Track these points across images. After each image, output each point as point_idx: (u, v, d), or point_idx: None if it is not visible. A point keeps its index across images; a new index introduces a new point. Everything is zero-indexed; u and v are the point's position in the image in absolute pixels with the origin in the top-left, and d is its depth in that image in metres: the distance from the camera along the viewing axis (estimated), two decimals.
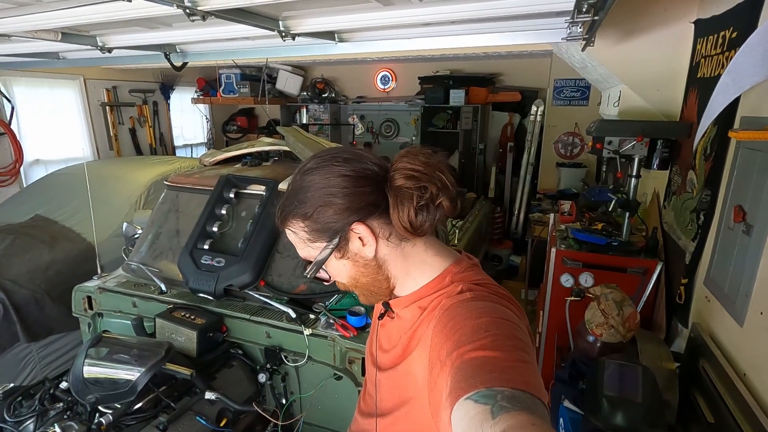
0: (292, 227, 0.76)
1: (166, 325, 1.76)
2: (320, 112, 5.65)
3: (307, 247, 0.76)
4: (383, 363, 0.85)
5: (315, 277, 0.79)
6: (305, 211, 0.73)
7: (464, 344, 0.61)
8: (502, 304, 0.70)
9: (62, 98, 4.36)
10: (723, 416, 1.25)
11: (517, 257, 4.66)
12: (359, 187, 0.71)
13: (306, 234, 0.75)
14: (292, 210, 0.75)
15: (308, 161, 0.76)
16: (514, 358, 0.58)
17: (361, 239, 0.74)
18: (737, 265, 1.36)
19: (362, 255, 0.75)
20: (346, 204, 0.71)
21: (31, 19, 1.83)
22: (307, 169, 0.74)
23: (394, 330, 0.83)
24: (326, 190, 0.71)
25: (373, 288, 0.79)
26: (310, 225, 0.74)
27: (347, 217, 0.72)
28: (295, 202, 0.74)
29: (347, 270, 0.77)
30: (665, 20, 2.08)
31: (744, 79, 1.15)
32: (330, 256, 0.75)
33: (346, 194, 0.71)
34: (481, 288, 0.74)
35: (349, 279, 0.79)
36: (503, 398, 0.52)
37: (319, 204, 0.72)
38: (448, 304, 0.71)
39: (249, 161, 2.48)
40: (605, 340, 1.65)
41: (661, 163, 2.06)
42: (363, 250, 0.75)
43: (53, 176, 3.66)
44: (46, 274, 2.60)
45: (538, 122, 4.53)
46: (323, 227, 0.73)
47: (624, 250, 2.09)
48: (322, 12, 1.96)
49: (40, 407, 1.42)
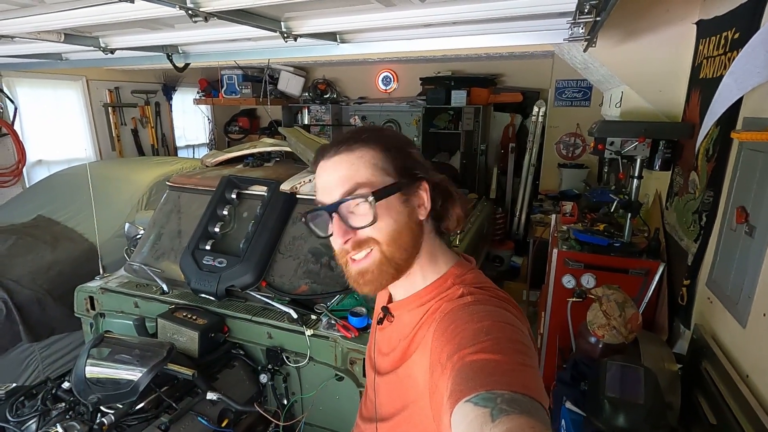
0: (360, 152, 0.73)
1: (168, 326, 1.76)
2: (322, 112, 5.66)
3: (372, 175, 0.72)
4: (382, 367, 0.84)
5: (375, 201, 0.70)
6: (387, 144, 0.75)
7: (465, 347, 0.61)
8: (503, 307, 0.70)
9: (65, 99, 4.37)
10: (725, 418, 1.25)
11: (519, 258, 4.66)
12: (426, 164, 0.79)
13: (379, 162, 0.73)
14: (371, 138, 0.74)
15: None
16: (515, 361, 0.58)
17: (423, 198, 0.75)
18: (740, 266, 1.36)
19: (417, 213, 0.75)
20: (423, 163, 0.77)
21: (34, 21, 1.83)
22: (387, 128, 0.78)
23: (394, 334, 0.82)
24: (407, 144, 0.77)
25: (399, 255, 0.73)
26: (388, 157, 0.74)
27: (422, 172, 0.76)
28: (376, 134, 0.75)
29: (403, 218, 0.73)
30: (667, 21, 2.07)
31: (746, 80, 1.15)
32: (395, 195, 0.72)
33: (421, 156, 0.78)
34: (482, 291, 0.73)
35: (395, 229, 0.72)
36: (503, 401, 0.52)
37: (402, 145, 0.76)
38: (449, 308, 0.71)
39: (251, 162, 2.48)
40: (607, 341, 1.65)
41: (663, 164, 2.05)
42: (419, 210, 0.75)
43: (56, 177, 3.67)
44: (49, 275, 2.61)
45: (539, 123, 4.52)
46: (401, 165, 0.74)
47: (626, 251, 2.09)
48: (323, 13, 1.97)
49: (42, 407, 1.43)
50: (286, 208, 2.02)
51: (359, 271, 0.74)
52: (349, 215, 0.72)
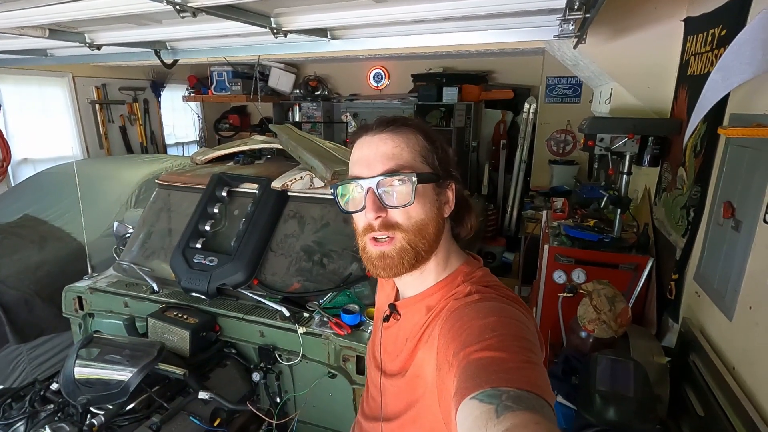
0: (407, 135, 0.74)
1: (159, 325, 1.74)
2: (313, 109, 5.62)
3: (414, 160, 0.73)
4: (389, 369, 0.84)
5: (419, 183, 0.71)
6: (431, 136, 0.77)
7: (471, 344, 0.61)
8: (509, 304, 0.70)
9: (51, 96, 4.29)
10: (713, 409, 1.27)
11: (511, 254, 4.69)
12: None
13: (422, 150, 0.75)
14: (418, 127, 0.76)
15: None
16: (521, 358, 0.58)
17: (449, 197, 0.78)
18: (726, 260, 1.38)
19: (443, 209, 0.77)
20: (453, 170, 0.79)
21: (17, 15, 1.79)
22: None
23: (401, 332, 0.81)
24: (446, 141, 0.80)
25: (422, 246, 0.73)
26: (430, 148, 0.76)
27: (449, 174, 0.78)
28: (419, 123, 0.77)
29: (432, 207, 0.74)
30: (655, 18, 2.09)
31: (733, 76, 1.17)
32: (431, 185, 0.74)
33: (455, 164, 0.80)
34: (489, 289, 0.74)
35: (424, 218, 0.73)
36: (508, 398, 0.52)
37: (442, 141, 0.78)
38: (455, 305, 0.71)
39: (241, 159, 2.46)
40: (597, 335, 1.67)
41: (651, 159, 2.07)
42: (445, 207, 0.77)
43: (42, 175, 3.61)
44: (36, 275, 2.57)
45: (530, 120, 4.55)
46: (439, 159, 0.76)
47: (616, 247, 2.11)
48: (314, 9, 1.95)
49: (30, 409, 1.41)
50: (277, 205, 2.01)
51: (380, 254, 0.73)
52: (383, 194, 0.72)
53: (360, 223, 0.75)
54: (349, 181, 0.74)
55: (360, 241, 0.76)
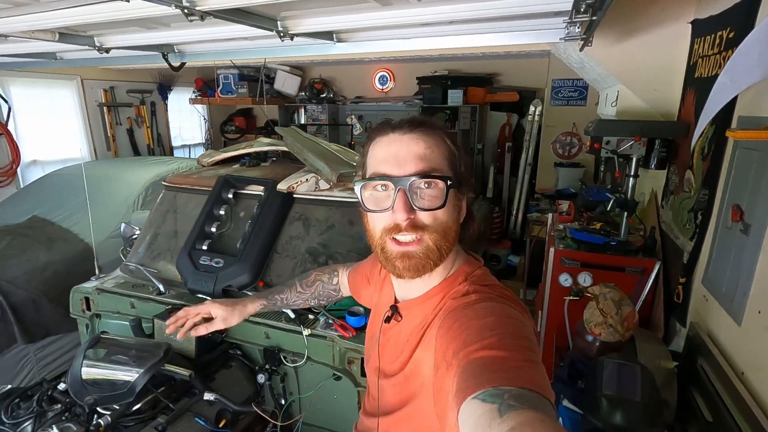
0: (439, 139, 0.75)
1: (165, 326, 1.75)
2: (318, 112, 5.64)
3: (444, 165, 0.74)
4: (389, 370, 0.84)
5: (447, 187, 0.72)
6: (456, 144, 0.78)
7: (470, 344, 0.61)
8: (507, 304, 0.71)
9: (59, 98, 4.34)
10: (721, 415, 1.25)
11: (516, 257, 4.67)
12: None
13: (451, 157, 0.76)
14: (445, 132, 0.77)
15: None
16: (521, 357, 0.58)
17: (463, 205, 0.80)
18: (735, 264, 1.36)
19: (459, 216, 0.79)
20: (471, 178, 0.81)
21: (28, 20, 1.82)
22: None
23: (401, 334, 0.82)
24: (466, 153, 0.80)
25: (446, 248, 0.74)
26: (456, 156, 0.77)
27: (468, 183, 0.79)
28: (446, 130, 0.79)
29: (455, 212, 0.76)
30: (663, 20, 2.08)
31: (741, 79, 1.16)
32: (454, 191, 0.75)
33: (472, 173, 0.82)
34: (488, 289, 0.74)
35: (446, 222, 0.73)
36: (510, 397, 0.52)
37: (464, 153, 0.79)
38: (453, 305, 0.72)
39: (247, 161, 2.48)
40: (604, 339, 1.65)
41: (658, 162, 2.06)
42: (460, 214, 0.79)
43: (50, 177, 3.65)
44: (44, 275, 2.60)
45: (536, 122, 4.53)
46: (458, 167, 0.77)
47: (622, 250, 2.10)
48: (320, 12, 1.96)
49: (38, 409, 1.42)
50: (283, 207, 2.01)
51: (405, 254, 0.72)
52: (413, 195, 0.71)
53: (381, 222, 0.73)
54: (379, 179, 0.72)
55: (377, 240, 0.75)
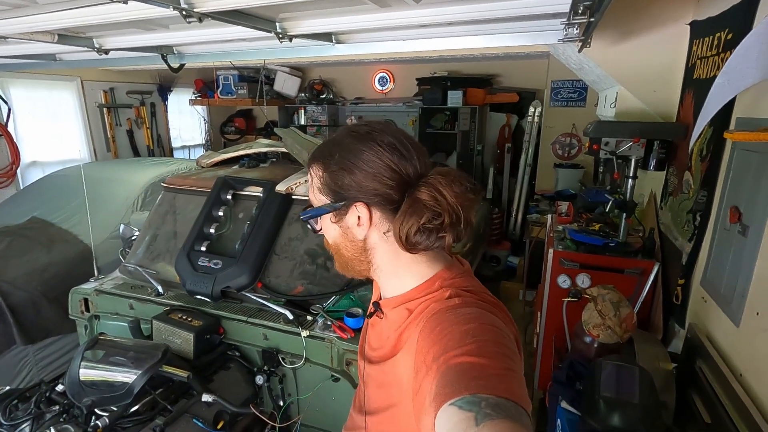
0: (312, 170, 0.79)
1: (163, 327, 1.75)
2: (318, 113, 5.65)
3: (314, 194, 0.80)
4: (372, 358, 0.86)
5: (306, 221, 0.83)
6: (328, 164, 0.76)
7: (451, 349, 0.61)
8: (490, 311, 0.70)
9: (59, 100, 4.35)
10: (720, 417, 1.25)
11: (515, 258, 4.66)
12: (384, 177, 0.72)
13: (318, 182, 0.78)
14: (319, 156, 0.78)
15: (364, 124, 0.77)
16: (500, 366, 0.58)
17: (359, 218, 0.75)
18: (733, 265, 1.36)
19: (353, 232, 0.77)
20: (364, 183, 0.73)
21: (27, 21, 1.82)
22: (356, 132, 0.75)
23: (384, 329, 0.83)
24: (355, 159, 0.73)
25: (351, 264, 0.81)
26: (326, 178, 0.76)
27: (357, 193, 0.73)
28: (326, 151, 0.77)
29: (336, 235, 0.80)
30: (661, 22, 2.08)
31: (739, 80, 1.16)
32: (327, 215, 0.78)
33: (368, 174, 0.72)
34: (470, 294, 0.73)
35: (333, 243, 0.82)
36: (487, 405, 0.52)
37: (341, 167, 0.74)
38: (435, 308, 0.71)
39: (246, 163, 2.48)
40: (602, 341, 1.65)
41: (657, 164, 2.06)
42: (355, 229, 0.76)
43: (50, 178, 3.65)
44: (43, 277, 2.60)
45: (535, 123, 4.54)
46: (334, 187, 0.75)
47: (621, 251, 2.09)
48: (318, 14, 1.97)
49: (36, 410, 1.42)
50: (281, 209, 2.01)
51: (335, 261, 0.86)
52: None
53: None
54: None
55: None
